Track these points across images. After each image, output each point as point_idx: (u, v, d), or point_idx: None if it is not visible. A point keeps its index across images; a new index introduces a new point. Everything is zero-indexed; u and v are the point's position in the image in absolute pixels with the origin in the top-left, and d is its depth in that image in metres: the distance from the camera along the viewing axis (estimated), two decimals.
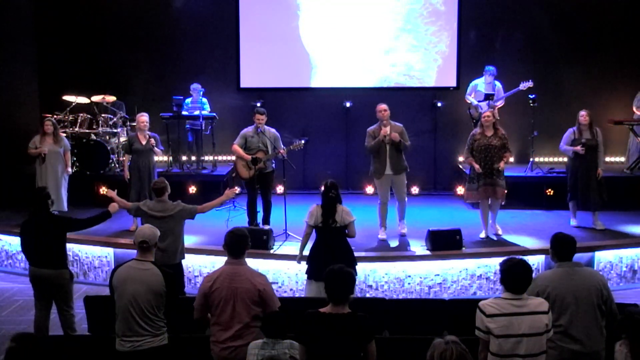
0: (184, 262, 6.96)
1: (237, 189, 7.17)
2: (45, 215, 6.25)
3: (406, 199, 8.67)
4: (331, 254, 6.43)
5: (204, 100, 10.81)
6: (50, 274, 6.18)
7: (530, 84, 10.31)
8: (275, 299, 4.81)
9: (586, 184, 8.72)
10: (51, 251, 6.17)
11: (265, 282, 4.81)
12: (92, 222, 6.41)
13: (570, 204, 9.07)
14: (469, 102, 10.72)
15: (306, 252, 6.86)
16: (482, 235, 8.61)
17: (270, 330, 4.37)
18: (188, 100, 10.81)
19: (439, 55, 11.45)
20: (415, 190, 10.77)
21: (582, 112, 8.71)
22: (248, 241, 4.91)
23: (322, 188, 6.62)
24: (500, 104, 10.50)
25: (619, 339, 4.11)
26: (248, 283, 4.71)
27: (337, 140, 11.56)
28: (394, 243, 8.46)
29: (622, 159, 11.23)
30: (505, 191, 8.38)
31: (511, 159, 8.13)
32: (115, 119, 10.94)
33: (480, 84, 10.63)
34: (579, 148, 8.63)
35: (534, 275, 4.36)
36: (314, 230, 6.70)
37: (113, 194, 6.86)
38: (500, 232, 8.66)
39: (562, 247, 4.82)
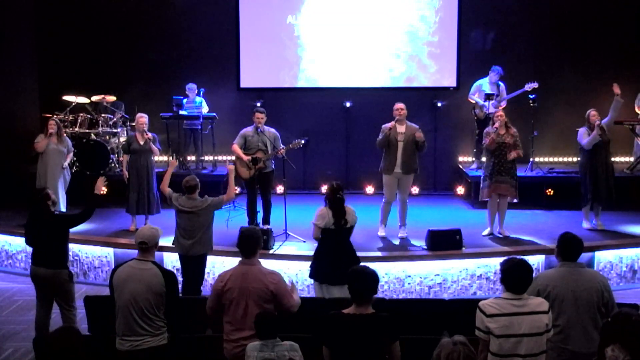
0: None
1: (232, 165, 7.48)
2: (46, 215, 6.26)
3: (407, 201, 8.58)
4: (339, 255, 6.38)
5: (200, 99, 10.76)
6: (47, 274, 6.19)
7: (535, 84, 10.26)
8: (288, 295, 4.75)
9: (606, 183, 8.66)
10: (51, 251, 6.18)
11: (277, 279, 4.75)
12: (89, 211, 6.38)
13: (586, 206, 8.84)
14: (474, 101, 10.67)
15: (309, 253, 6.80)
16: (485, 232, 8.63)
17: (262, 332, 4.32)
18: (184, 100, 10.81)
19: (439, 55, 11.45)
20: (415, 190, 10.74)
21: (592, 112, 8.63)
22: (259, 241, 4.89)
23: (329, 190, 6.47)
24: (504, 104, 10.48)
25: (606, 342, 3.86)
26: (259, 282, 4.68)
27: (337, 140, 11.56)
28: (394, 242, 8.44)
29: (628, 158, 11.18)
30: (515, 190, 8.34)
31: (520, 153, 8.33)
32: (115, 119, 10.94)
33: (485, 84, 10.56)
34: (596, 131, 8.46)
35: (534, 275, 4.35)
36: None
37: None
38: (505, 234, 8.61)
39: (568, 247, 4.83)
